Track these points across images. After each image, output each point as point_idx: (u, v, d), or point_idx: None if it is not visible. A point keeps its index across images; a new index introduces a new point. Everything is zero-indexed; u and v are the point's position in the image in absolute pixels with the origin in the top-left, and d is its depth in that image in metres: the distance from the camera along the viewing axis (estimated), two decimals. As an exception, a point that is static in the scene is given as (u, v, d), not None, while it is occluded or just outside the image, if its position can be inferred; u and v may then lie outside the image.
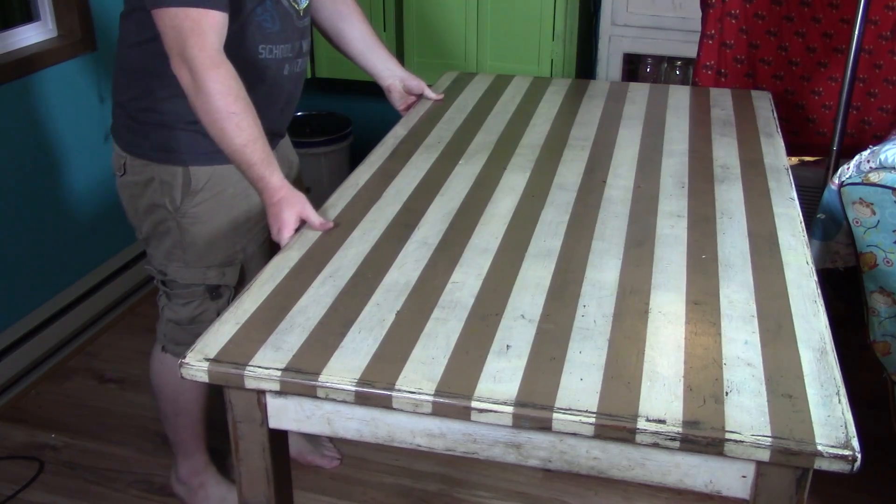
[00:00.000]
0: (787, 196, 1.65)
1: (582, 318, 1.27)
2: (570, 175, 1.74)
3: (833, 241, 1.94)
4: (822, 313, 1.28)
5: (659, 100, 2.17)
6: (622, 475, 1.14)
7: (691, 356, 1.18)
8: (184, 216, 1.73)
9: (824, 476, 2.03)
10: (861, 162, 1.77)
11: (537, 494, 2.09)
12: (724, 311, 1.29)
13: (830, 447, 1.02)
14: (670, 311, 1.29)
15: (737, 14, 2.26)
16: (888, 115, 2.33)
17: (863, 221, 1.74)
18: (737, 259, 1.43)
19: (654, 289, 1.34)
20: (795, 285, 1.35)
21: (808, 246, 1.48)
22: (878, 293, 1.77)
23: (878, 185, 1.68)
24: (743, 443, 1.04)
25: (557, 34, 2.77)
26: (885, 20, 2.24)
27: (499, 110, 2.10)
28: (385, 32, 2.94)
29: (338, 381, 1.14)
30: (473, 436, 1.16)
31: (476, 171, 1.76)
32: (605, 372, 1.15)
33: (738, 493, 1.11)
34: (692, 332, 1.23)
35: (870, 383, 2.40)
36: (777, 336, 1.22)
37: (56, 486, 2.15)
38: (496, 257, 1.44)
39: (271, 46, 1.67)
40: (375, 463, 2.19)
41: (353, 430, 1.20)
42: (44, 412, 2.42)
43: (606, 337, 1.22)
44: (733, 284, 1.35)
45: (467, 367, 1.16)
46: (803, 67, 2.33)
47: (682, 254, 1.44)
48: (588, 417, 1.08)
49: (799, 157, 2.53)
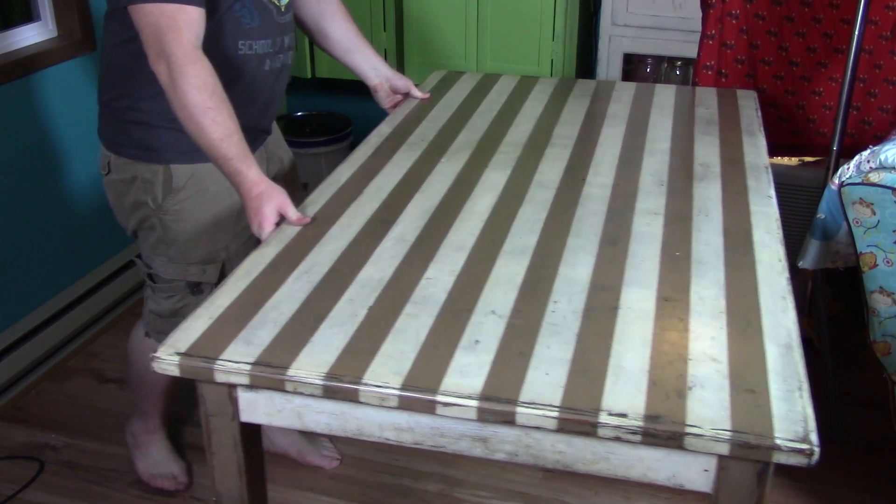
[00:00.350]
0: (765, 194, 1.66)
1: (552, 313, 1.28)
2: (550, 173, 1.76)
3: (833, 241, 1.95)
4: (790, 309, 1.29)
5: (644, 99, 2.18)
6: (587, 469, 1.15)
7: (658, 352, 1.19)
8: (166, 213, 1.75)
9: (824, 476, 2.06)
10: (861, 162, 1.78)
11: (537, 494, 2.09)
12: (694, 307, 1.30)
13: (789, 441, 1.03)
14: (640, 307, 1.30)
15: (737, 14, 2.27)
16: (888, 115, 2.33)
17: (863, 221, 1.74)
18: (710, 256, 1.43)
19: (626, 285, 1.35)
20: (766, 282, 1.36)
21: (782, 243, 1.49)
22: (878, 293, 1.78)
23: (878, 185, 1.69)
24: (702, 437, 1.05)
25: (557, 34, 2.78)
26: (885, 20, 2.24)
27: (484, 109, 2.11)
28: (385, 32, 2.95)
29: (306, 375, 1.15)
30: (441, 429, 1.17)
31: (457, 170, 1.77)
32: (571, 367, 1.16)
33: (700, 487, 1.12)
34: (660, 328, 1.25)
35: (870, 383, 2.42)
36: (744, 332, 1.23)
37: (56, 486, 2.16)
38: (471, 254, 1.45)
39: (251, 42, 1.68)
40: (375, 463, 2.19)
41: (322, 424, 1.22)
42: (44, 412, 2.43)
43: (575, 332, 1.23)
44: (704, 281, 1.36)
45: (435, 361, 1.17)
46: (804, 68, 2.34)
47: (656, 251, 1.45)
48: (551, 411, 1.09)
49: (799, 157, 2.53)
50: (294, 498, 2.07)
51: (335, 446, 2.24)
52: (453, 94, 2.22)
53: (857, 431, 2.27)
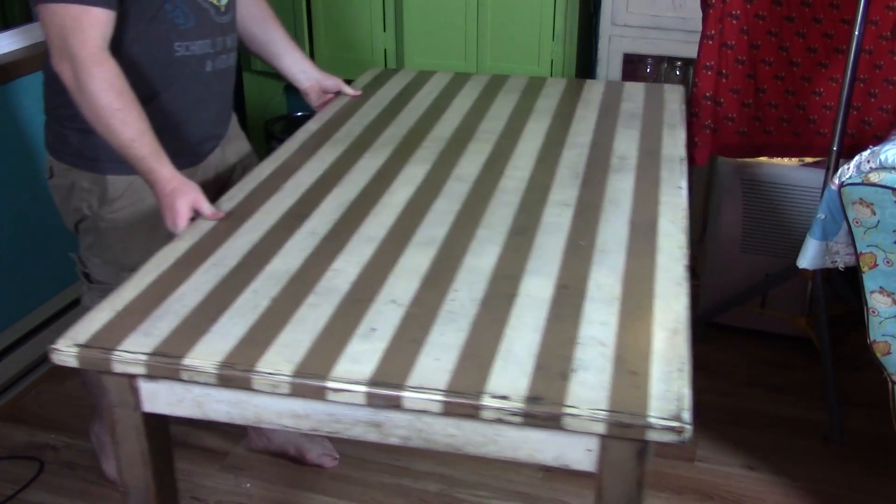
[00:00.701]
0: (676, 185, 1.70)
1: (451, 302, 1.31)
2: (469, 167, 1.79)
3: (833, 241, 1.95)
4: (683, 295, 1.32)
5: (573, 94, 2.22)
6: (476, 451, 1.18)
7: (548, 337, 1.22)
8: (102, 220, 1.77)
9: (824, 476, 2.09)
10: (861, 162, 1.77)
11: (537, 494, 2.09)
12: (590, 294, 1.33)
13: (661, 419, 1.06)
14: (538, 294, 1.33)
15: (737, 14, 2.26)
16: (888, 115, 2.33)
17: (863, 221, 1.74)
18: (613, 245, 1.47)
19: (527, 274, 1.38)
20: (664, 269, 1.39)
21: (685, 232, 1.52)
22: (878, 293, 1.77)
23: (878, 186, 1.68)
24: (580, 417, 1.08)
25: (557, 34, 2.77)
26: (885, 20, 2.24)
27: (414, 105, 2.14)
28: (385, 32, 2.95)
29: (200, 364, 1.17)
30: (336, 416, 1.20)
31: (379, 164, 1.80)
32: (462, 352, 1.19)
33: (585, 467, 1.15)
34: (554, 314, 1.28)
35: (870, 383, 2.43)
36: (635, 317, 1.27)
37: (56, 486, 2.15)
38: (381, 246, 1.47)
39: (188, 43, 1.69)
40: (375, 463, 2.19)
41: (222, 413, 1.24)
42: (44, 412, 2.41)
43: (470, 320, 1.26)
44: (604, 269, 1.40)
45: (330, 349, 1.20)
46: (804, 68, 2.33)
47: (562, 241, 1.49)
48: (436, 395, 1.12)
49: (799, 157, 2.52)
50: (294, 498, 2.08)
51: (334, 446, 2.23)
52: (385, 91, 2.25)
53: (857, 431, 2.28)
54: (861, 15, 2.08)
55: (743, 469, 2.16)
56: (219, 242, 1.48)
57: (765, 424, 2.31)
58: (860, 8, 2.08)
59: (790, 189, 2.45)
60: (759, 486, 2.11)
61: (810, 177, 2.42)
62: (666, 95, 2.21)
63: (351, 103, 2.15)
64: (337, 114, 2.08)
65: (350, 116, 2.06)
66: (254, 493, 2.10)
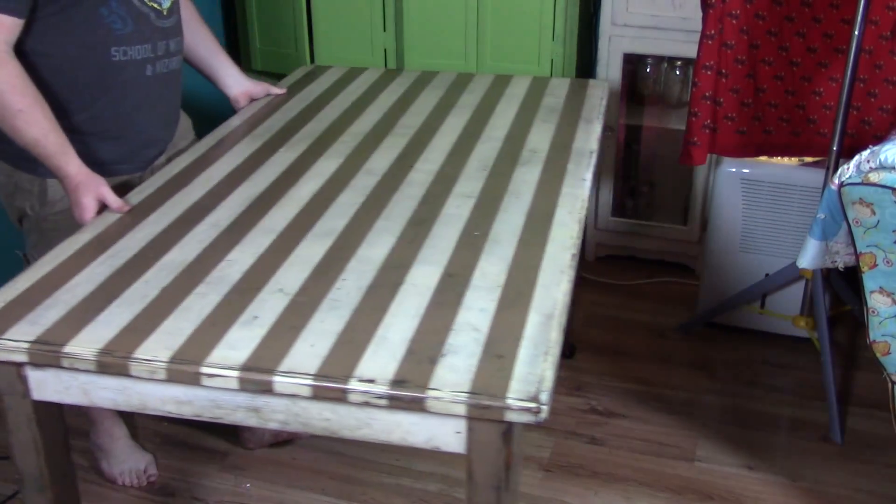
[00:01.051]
0: (580, 177, 1.73)
1: (337, 290, 1.34)
2: (381, 161, 1.82)
3: (833, 241, 1.96)
4: (565, 282, 1.36)
5: (498, 89, 2.25)
6: (352, 434, 1.21)
7: (425, 323, 1.26)
8: (44, 221, 1.80)
9: (824, 476, 2.11)
10: (861, 162, 1.77)
11: (537, 494, 2.09)
12: (475, 282, 1.36)
13: (518, 400, 1.10)
14: (423, 283, 1.36)
15: (737, 14, 2.26)
16: (888, 115, 2.33)
17: (863, 221, 1.74)
18: (506, 235, 1.50)
19: (417, 263, 1.42)
20: (551, 258, 1.43)
21: (581, 222, 1.56)
22: (878, 293, 1.78)
23: (878, 185, 1.68)
24: (442, 399, 1.11)
25: (557, 34, 2.77)
26: (885, 20, 2.24)
27: (339, 101, 2.17)
28: (385, 32, 2.96)
29: (80, 352, 1.20)
30: (217, 401, 1.23)
31: (292, 159, 1.83)
32: (338, 338, 1.22)
33: (456, 449, 1.18)
34: (435, 301, 1.31)
35: (870, 383, 2.45)
36: (513, 304, 1.30)
37: None
38: (279, 237, 1.50)
39: (125, 48, 1.69)
40: (375, 463, 2.18)
41: (108, 400, 1.27)
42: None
43: (353, 307, 1.29)
44: (493, 258, 1.43)
45: (210, 336, 1.23)
46: (804, 68, 2.34)
47: (457, 231, 1.52)
48: (305, 379, 1.15)
49: (799, 157, 2.52)
50: (294, 497, 2.08)
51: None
52: (313, 87, 2.28)
53: (858, 431, 2.28)
54: (861, 15, 2.09)
55: (743, 469, 2.15)
56: (120, 234, 1.51)
57: (765, 424, 2.31)
58: (860, 8, 2.08)
59: (790, 189, 2.45)
60: (759, 486, 2.10)
61: (810, 177, 2.41)
62: (590, 90, 2.24)
63: (277, 100, 2.18)
64: (261, 110, 2.11)
65: (273, 113, 2.09)
66: (254, 493, 2.10)
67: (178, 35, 1.83)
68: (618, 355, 2.60)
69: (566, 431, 2.28)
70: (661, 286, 2.95)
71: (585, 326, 2.74)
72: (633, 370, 2.53)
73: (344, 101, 2.17)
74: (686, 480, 2.12)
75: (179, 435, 2.28)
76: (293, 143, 1.91)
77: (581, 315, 2.80)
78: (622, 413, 2.35)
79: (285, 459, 2.20)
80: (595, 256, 3.11)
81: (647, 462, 2.18)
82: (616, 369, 2.53)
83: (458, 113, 2.09)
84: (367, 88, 2.26)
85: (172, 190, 1.68)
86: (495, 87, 2.27)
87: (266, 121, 2.04)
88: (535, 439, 2.24)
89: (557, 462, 2.18)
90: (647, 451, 2.21)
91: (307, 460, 2.20)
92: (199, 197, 1.65)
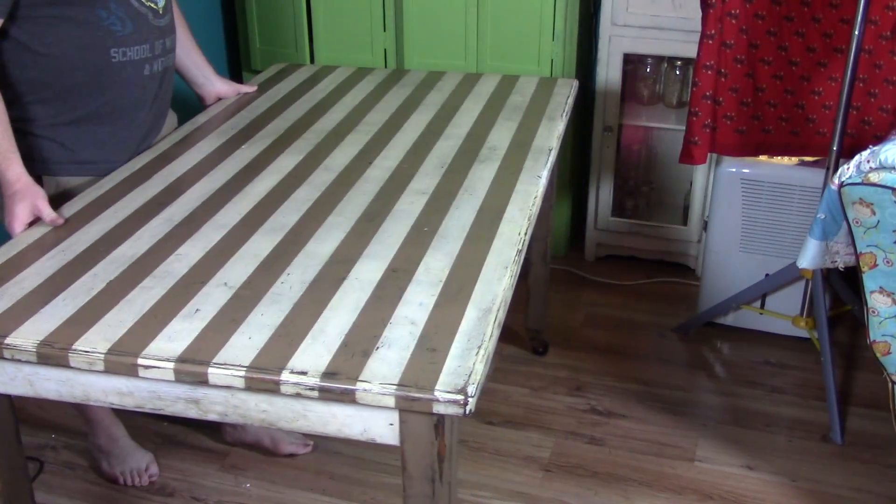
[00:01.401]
0: (536, 174, 1.75)
1: (280, 284, 1.36)
2: (341, 158, 1.83)
3: (833, 241, 1.97)
4: (507, 278, 1.37)
5: (466, 88, 2.27)
6: (290, 426, 1.23)
7: (364, 317, 1.27)
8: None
9: (825, 476, 2.12)
10: (861, 162, 1.78)
11: (537, 494, 2.08)
12: (418, 277, 1.38)
13: (445, 393, 1.11)
14: (366, 277, 1.38)
15: (737, 14, 2.26)
16: (888, 115, 2.33)
17: (863, 221, 1.74)
18: (455, 231, 1.52)
19: (363, 258, 1.43)
20: (496, 254, 1.44)
21: (531, 219, 1.57)
22: (878, 293, 1.78)
23: (878, 185, 1.69)
24: (371, 391, 1.13)
25: (557, 34, 2.77)
26: (885, 20, 2.24)
27: (307, 99, 2.19)
28: (385, 32, 2.97)
29: (21, 343, 1.22)
30: (157, 393, 1.25)
31: (253, 155, 1.84)
32: (276, 332, 1.24)
33: (390, 441, 1.20)
34: (376, 295, 1.33)
35: (870, 383, 2.45)
36: (453, 298, 1.32)
37: (56, 486, 2.14)
38: (230, 232, 1.52)
39: (125, 49, 1.71)
40: (375, 463, 2.18)
41: (52, 391, 1.29)
42: (44, 412, 2.37)
43: (294, 301, 1.31)
44: (439, 254, 1.45)
45: (150, 329, 1.25)
46: (803, 67, 2.34)
47: (407, 227, 1.54)
48: (239, 371, 1.17)
49: (799, 157, 2.51)
50: (293, 497, 2.09)
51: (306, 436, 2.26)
52: (283, 85, 2.29)
53: (858, 431, 2.28)
54: (861, 14, 2.09)
55: (743, 469, 2.15)
56: (75, 229, 1.53)
57: (765, 424, 2.31)
58: (860, 7, 2.08)
59: (790, 189, 2.45)
60: (759, 486, 2.10)
61: (810, 177, 2.41)
62: (557, 89, 2.26)
63: (245, 98, 2.19)
64: (228, 108, 2.13)
65: (240, 110, 2.11)
66: (254, 493, 2.10)
67: (172, 33, 1.86)
68: (618, 355, 2.61)
69: (566, 431, 2.28)
70: (661, 286, 2.95)
71: (585, 326, 2.75)
72: (633, 370, 2.53)
73: (311, 99, 2.18)
74: (686, 480, 2.12)
75: (179, 435, 2.29)
76: (255, 141, 1.92)
77: (581, 315, 2.81)
78: (622, 413, 2.35)
79: (285, 460, 2.20)
80: (595, 256, 3.12)
81: (647, 462, 2.18)
82: (616, 369, 2.54)
83: (424, 111, 2.10)
84: (336, 87, 2.28)
85: (132, 185, 1.70)
86: (463, 84, 2.29)
87: (232, 119, 2.06)
88: (535, 439, 2.25)
89: (557, 462, 2.18)
90: (647, 451, 2.22)
91: (307, 460, 2.20)
92: (156, 192, 1.67)
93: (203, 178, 1.73)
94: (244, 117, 2.06)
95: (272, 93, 2.24)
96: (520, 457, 2.19)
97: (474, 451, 2.21)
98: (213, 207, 1.61)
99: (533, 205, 1.62)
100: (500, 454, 2.20)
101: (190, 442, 2.27)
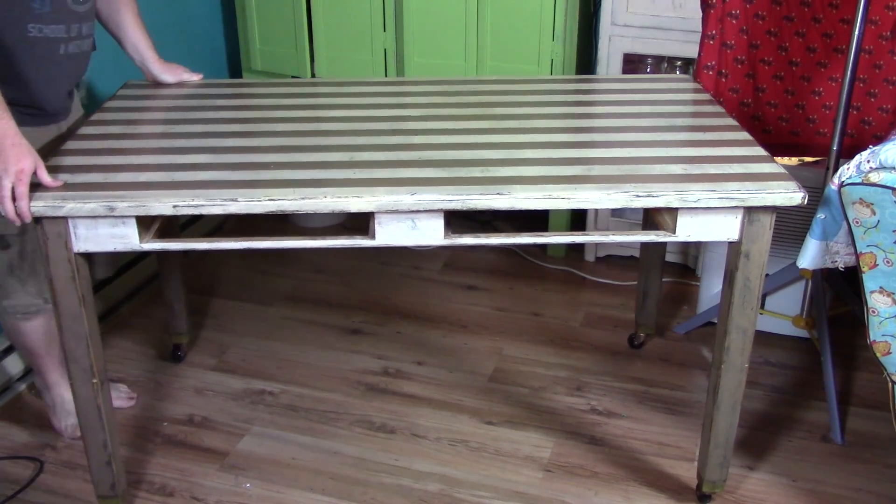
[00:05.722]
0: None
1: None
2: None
3: (833, 241, 1.96)
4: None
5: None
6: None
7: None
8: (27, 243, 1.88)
9: (824, 476, 2.11)
10: (861, 162, 1.78)
11: (537, 494, 2.08)
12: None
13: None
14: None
15: (737, 14, 2.27)
16: (888, 115, 2.33)
17: (863, 221, 1.74)
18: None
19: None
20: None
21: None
22: (878, 293, 1.78)
23: (878, 185, 1.69)
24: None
25: (557, 34, 2.78)
26: (885, 20, 2.24)
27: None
28: (385, 32, 2.96)
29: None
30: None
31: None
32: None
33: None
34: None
35: (870, 383, 2.45)
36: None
37: (56, 486, 2.14)
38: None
39: (41, 26, 1.80)
40: (375, 463, 2.17)
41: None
42: (44, 412, 2.36)
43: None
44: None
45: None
46: (803, 67, 2.34)
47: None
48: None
49: (799, 157, 2.52)
50: (293, 497, 2.08)
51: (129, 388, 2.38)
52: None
53: (858, 431, 2.28)
54: (861, 15, 2.08)
55: (743, 469, 2.15)
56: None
57: (765, 424, 2.31)
58: (860, 8, 2.08)
59: None
60: (759, 486, 2.10)
61: (810, 177, 2.40)
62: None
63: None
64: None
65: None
66: (254, 493, 2.10)
67: (91, 20, 1.96)
68: (618, 355, 2.60)
69: (566, 431, 2.28)
70: (662, 286, 2.96)
71: (585, 326, 2.75)
72: (633, 370, 2.53)
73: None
74: (686, 480, 2.12)
75: (179, 435, 2.29)
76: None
77: (581, 315, 2.81)
78: (622, 413, 2.35)
79: (285, 459, 2.20)
80: (595, 256, 3.12)
81: (647, 462, 2.17)
82: (616, 369, 2.53)
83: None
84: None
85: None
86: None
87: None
88: (535, 439, 2.25)
89: (557, 462, 2.18)
90: (647, 451, 2.21)
91: (307, 460, 2.19)
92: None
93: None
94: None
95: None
96: (520, 457, 2.19)
97: (474, 451, 2.21)
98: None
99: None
100: (500, 454, 2.20)
101: (190, 442, 2.27)
